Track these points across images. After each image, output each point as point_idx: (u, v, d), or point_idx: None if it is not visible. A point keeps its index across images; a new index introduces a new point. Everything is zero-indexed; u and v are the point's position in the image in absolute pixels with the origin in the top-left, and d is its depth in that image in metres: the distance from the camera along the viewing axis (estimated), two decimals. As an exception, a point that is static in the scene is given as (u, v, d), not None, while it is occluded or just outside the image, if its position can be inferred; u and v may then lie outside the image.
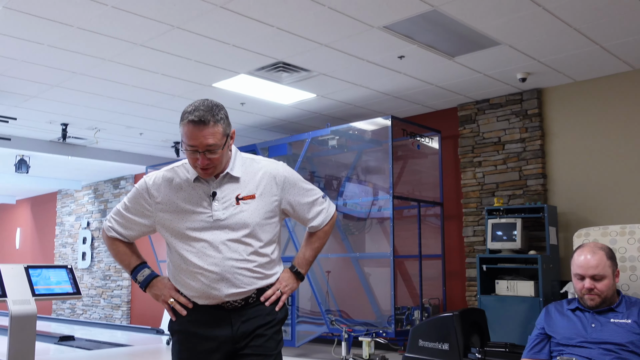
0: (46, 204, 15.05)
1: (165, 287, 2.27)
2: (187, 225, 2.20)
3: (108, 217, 2.40)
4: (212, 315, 2.21)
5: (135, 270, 2.35)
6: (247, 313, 2.23)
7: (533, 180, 6.65)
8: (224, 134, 2.17)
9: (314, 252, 2.41)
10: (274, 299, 2.28)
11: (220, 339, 2.20)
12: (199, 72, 6.16)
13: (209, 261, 2.17)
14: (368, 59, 5.84)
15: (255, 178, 2.26)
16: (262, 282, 2.25)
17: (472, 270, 6.96)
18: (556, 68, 6.09)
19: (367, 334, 6.45)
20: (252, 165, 2.30)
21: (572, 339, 2.70)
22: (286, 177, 2.31)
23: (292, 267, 2.38)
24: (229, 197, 2.21)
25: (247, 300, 2.23)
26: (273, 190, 2.27)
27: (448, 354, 4.36)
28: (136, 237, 2.39)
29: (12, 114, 7.64)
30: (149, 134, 8.99)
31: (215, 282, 2.17)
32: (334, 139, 7.58)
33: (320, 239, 2.41)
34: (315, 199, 2.37)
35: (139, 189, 2.30)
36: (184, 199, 2.22)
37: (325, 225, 2.40)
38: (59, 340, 9.48)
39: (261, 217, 2.23)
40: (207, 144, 2.12)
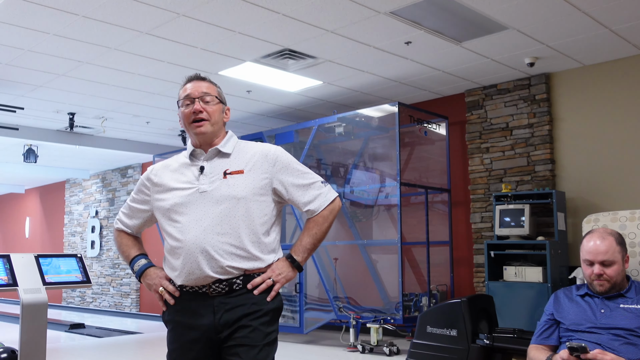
0: (55, 193, 15.12)
1: (157, 276, 2.23)
2: (175, 201, 2.19)
3: (118, 213, 2.45)
4: (196, 303, 2.14)
5: (132, 260, 2.34)
6: (232, 301, 2.12)
7: (541, 166, 6.62)
8: (218, 94, 2.29)
9: (311, 238, 2.24)
10: (263, 287, 2.14)
11: (202, 328, 2.12)
12: (205, 60, 6.14)
13: (191, 234, 2.12)
14: (375, 45, 5.81)
15: (246, 156, 2.25)
16: (249, 265, 2.14)
17: (480, 257, 6.96)
18: (564, 52, 6.04)
19: (375, 320, 6.47)
20: (245, 146, 2.30)
21: (581, 325, 2.69)
22: (278, 155, 2.26)
23: (287, 255, 2.24)
24: (217, 172, 2.20)
25: (231, 286, 2.12)
26: (263, 167, 2.22)
27: (456, 340, 4.37)
28: (139, 226, 2.40)
29: (19, 103, 7.65)
30: (155, 123, 8.99)
31: (195, 255, 2.10)
32: (340, 126, 7.57)
33: (319, 224, 2.25)
34: (311, 183, 2.27)
35: (142, 177, 2.36)
36: (176, 179, 2.24)
37: (323, 210, 2.25)
38: (70, 328, 9.57)
39: (249, 191, 2.17)
40: (202, 91, 2.24)
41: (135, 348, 7.65)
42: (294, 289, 7.39)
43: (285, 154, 2.29)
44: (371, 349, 6.37)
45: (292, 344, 7.11)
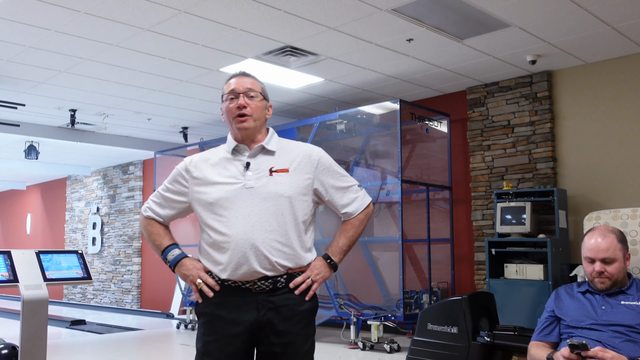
0: (56, 190, 15.14)
1: (194, 267, 2.25)
2: (219, 195, 2.20)
3: (147, 201, 2.44)
4: (239, 297, 2.15)
5: (165, 250, 2.34)
6: (275, 300, 2.15)
7: (543, 164, 6.61)
8: (262, 91, 2.29)
9: (348, 240, 2.33)
10: (304, 287, 2.19)
11: (245, 323, 2.14)
12: (206, 57, 6.14)
13: (239, 229, 2.14)
14: (376, 42, 5.80)
15: (290, 155, 2.28)
16: (293, 263, 2.18)
17: (481, 254, 6.96)
18: (567, 50, 6.03)
19: (375, 317, 6.47)
20: (288, 144, 2.34)
21: (582, 322, 2.69)
22: (321, 157, 2.30)
23: (325, 255, 2.30)
24: (263, 169, 2.22)
25: (275, 284, 2.15)
26: (307, 168, 2.26)
27: (457, 337, 4.37)
28: (172, 217, 2.39)
29: (20, 100, 7.65)
30: (157, 120, 8.99)
31: (245, 250, 2.12)
32: (342, 123, 7.56)
33: (355, 227, 2.34)
34: (349, 186, 2.33)
35: (178, 168, 2.35)
36: (218, 172, 2.25)
37: (359, 214, 2.33)
38: (71, 325, 9.58)
39: (294, 191, 2.20)
40: (247, 87, 2.25)
41: (136, 344, 7.66)
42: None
43: (326, 156, 2.33)
44: (372, 346, 6.37)
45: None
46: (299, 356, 2.16)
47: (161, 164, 9.89)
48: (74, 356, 6.44)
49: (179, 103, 7.98)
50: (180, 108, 8.25)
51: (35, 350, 2.68)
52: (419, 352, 4.53)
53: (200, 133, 9.69)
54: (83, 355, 6.65)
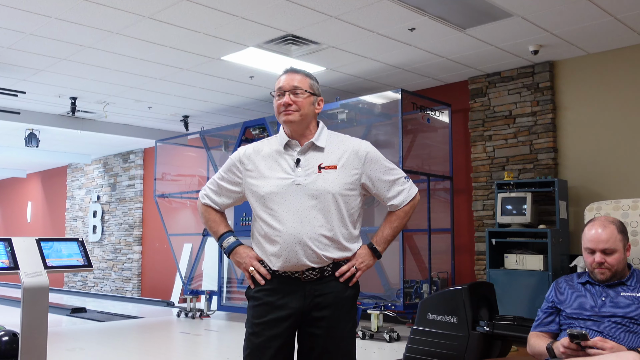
0: (56, 178, 15.14)
1: (247, 255, 2.37)
2: (271, 189, 2.30)
3: (204, 187, 2.54)
4: (287, 286, 2.29)
5: (221, 237, 2.46)
6: (321, 288, 2.28)
7: (544, 154, 6.60)
8: (310, 87, 2.38)
9: (392, 231, 2.42)
10: (348, 275, 2.31)
11: (291, 309, 2.27)
12: (207, 45, 6.12)
13: (289, 224, 2.26)
14: (378, 32, 5.78)
15: (339, 151, 2.36)
16: (340, 254, 2.30)
17: (481, 244, 6.96)
18: (569, 40, 6.00)
19: (375, 307, 6.49)
20: (337, 139, 2.42)
21: (582, 312, 2.69)
22: (368, 152, 2.39)
23: (370, 244, 2.40)
24: (312, 165, 2.31)
25: (322, 273, 2.28)
26: (355, 164, 2.35)
27: (456, 326, 4.37)
28: (227, 205, 2.50)
29: (21, 87, 7.64)
30: (158, 108, 8.98)
31: (293, 245, 2.24)
32: (343, 113, 7.54)
33: (400, 218, 2.43)
34: (397, 179, 2.42)
35: (233, 159, 2.45)
36: (270, 166, 2.35)
37: (405, 205, 2.43)
38: (71, 312, 9.61)
39: (341, 187, 2.30)
40: (293, 85, 2.35)
41: (137, 332, 7.69)
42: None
43: (374, 150, 2.42)
44: (371, 335, 6.39)
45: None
46: (340, 339, 2.28)
47: (162, 152, 9.88)
48: (75, 343, 6.47)
49: (179, 91, 7.96)
50: (181, 96, 8.23)
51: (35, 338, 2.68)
52: (419, 341, 4.54)
53: (201, 122, 9.67)
54: (83, 342, 6.67)
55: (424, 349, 4.50)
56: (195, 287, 8.97)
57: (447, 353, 4.32)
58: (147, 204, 12.12)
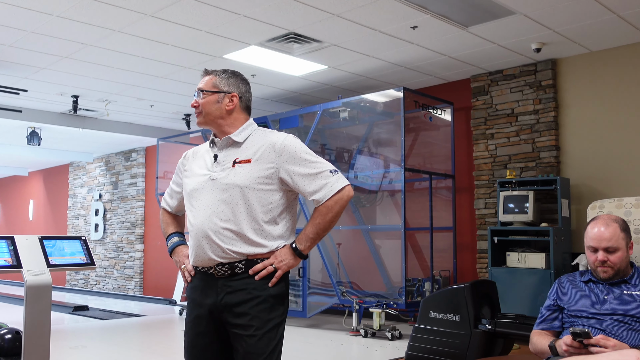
0: (58, 176, 15.15)
1: (182, 254, 2.42)
2: (193, 186, 2.35)
3: None
4: (204, 282, 2.29)
5: (168, 237, 2.54)
6: (234, 284, 2.23)
7: (546, 153, 6.59)
8: (214, 85, 2.38)
9: (314, 228, 2.28)
10: (264, 273, 2.23)
11: (207, 306, 2.26)
12: (209, 43, 6.12)
13: (199, 219, 2.27)
14: (380, 30, 5.77)
15: (256, 146, 2.31)
16: (250, 250, 2.22)
17: (483, 243, 6.96)
18: (571, 38, 5.99)
19: (377, 305, 6.49)
20: (260, 135, 2.37)
21: (584, 311, 2.69)
22: (285, 145, 2.28)
23: (291, 243, 2.30)
24: (229, 160, 2.31)
25: (233, 269, 2.23)
26: (270, 157, 2.27)
27: (459, 325, 4.38)
28: (177, 207, 2.57)
29: (22, 85, 7.64)
30: (159, 106, 8.98)
31: (201, 239, 2.25)
32: (345, 111, 7.54)
33: (322, 214, 2.27)
34: (319, 172, 2.27)
35: (179, 162, 2.54)
36: (198, 165, 2.39)
37: (328, 200, 2.26)
38: (74, 310, 9.62)
39: (252, 181, 2.24)
40: (198, 87, 2.40)
41: (139, 330, 7.69)
42: (297, 273, 7.41)
43: (293, 143, 2.30)
44: (373, 333, 6.40)
45: (295, 328, 7.14)
46: (258, 338, 2.19)
47: (164, 151, 9.89)
48: (77, 341, 6.47)
49: (181, 90, 7.96)
50: (182, 95, 8.23)
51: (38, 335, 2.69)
52: (421, 339, 4.54)
53: (203, 120, 9.66)
54: (86, 340, 6.68)
55: (426, 347, 4.50)
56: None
57: (449, 351, 4.33)
58: (149, 202, 12.13)
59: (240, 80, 2.45)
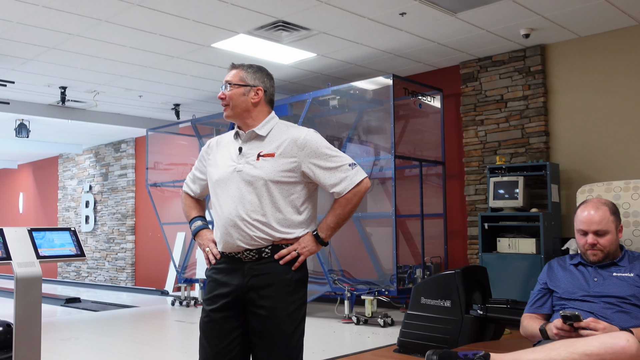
0: (48, 169, 15.06)
1: (206, 238, 2.54)
2: (218, 177, 2.47)
3: None
4: (231, 266, 2.43)
5: (191, 221, 2.66)
6: (260, 268, 2.38)
7: (535, 138, 6.61)
8: (240, 79, 2.49)
9: (335, 218, 2.46)
10: (288, 258, 2.38)
11: (231, 286, 2.40)
12: (197, 32, 6.07)
13: (227, 209, 2.40)
14: (369, 17, 5.75)
15: (279, 139, 2.43)
16: (276, 236, 2.37)
17: (474, 229, 6.99)
18: (560, 23, 6.00)
19: (369, 292, 6.51)
20: (282, 129, 2.48)
21: (574, 293, 2.71)
22: (307, 140, 2.41)
23: (313, 230, 2.47)
24: (253, 153, 2.43)
25: (260, 254, 2.38)
26: (292, 152, 2.40)
27: (450, 310, 4.40)
28: (200, 192, 2.70)
29: (9, 77, 7.57)
30: (148, 97, 8.92)
31: (229, 227, 2.38)
32: (335, 99, 7.52)
33: (343, 206, 2.45)
34: (339, 166, 2.42)
35: (203, 149, 2.66)
36: (222, 155, 2.51)
37: (347, 193, 2.42)
38: (65, 302, 9.60)
39: (276, 174, 2.37)
40: (226, 80, 2.51)
41: (131, 321, 7.69)
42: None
43: (315, 138, 2.43)
44: (365, 320, 6.42)
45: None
46: (282, 319, 2.35)
47: (153, 141, 9.84)
48: (69, 333, 6.46)
49: (170, 80, 7.92)
50: (171, 85, 8.18)
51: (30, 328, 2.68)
52: (413, 325, 4.56)
53: (192, 110, 9.62)
54: (78, 332, 6.67)
55: (418, 333, 4.52)
56: (189, 275, 8.97)
57: (441, 337, 4.35)
58: (140, 193, 12.08)
59: (265, 75, 2.56)
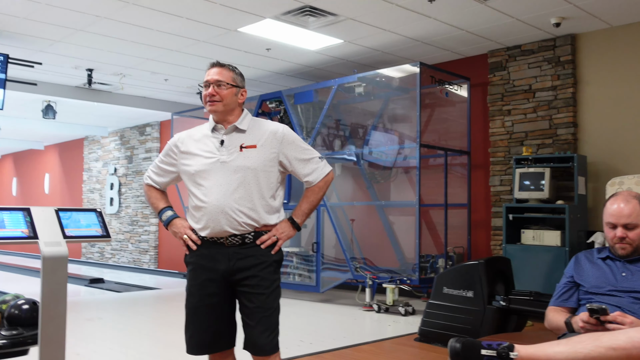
0: (74, 150, 15.23)
1: (182, 226, 2.71)
2: (199, 168, 2.64)
3: (147, 171, 2.92)
4: (215, 250, 2.62)
5: (161, 211, 2.82)
6: (243, 252, 2.60)
7: (563, 129, 6.51)
8: (232, 80, 2.69)
9: (309, 204, 2.73)
10: (269, 242, 2.63)
11: (219, 271, 2.60)
12: (224, 16, 6.07)
13: (213, 197, 2.58)
14: (397, 3, 5.69)
15: (259, 133, 2.68)
16: (259, 223, 2.61)
17: (498, 220, 6.92)
18: (592, 12, 5.87)
19: (391, 280, 6.50)
20: (258, 123, 2.74)
21: (601, 287, 2.67)
22: (285, 134, 2.69)
23: (289, 217, 2.72)
24: (235, 145, 2.64)
25: (243, 240, 2.60)
26: (273, 144, 2.65)
27: (472, 301, 4.37)
28: (166, 183, 2.87)
29: (37, 58, 7.64)
30: (174, 80, 8.96)
31: (217, 214, 2.57)
32: (360, 86, 7.48)
33: (315, 193, 2.74)
34: (311, 158, 2.72)
35: (169, 143, 2.81)
36: (199, 147, 2.68)
37: (319, 182, 2.72)
38: (89, 283, 9.74)
39: (260, 163, 2.61)
40: (216, 79, 2.66)
41: (154, 303, 7.78)
42: (312, 249, 7.42)
43: (291, 132, 2.73)
44: (387, 308, 6.41)
45: (308, 302, 7.17)
46: (266, 295, 2.59)
47: (178, 125, 9.89)
48: (94, 313, 6.56)
49: (196, 64, 7.93)
50: (197, 69, 8.20)
51: (55, 306, 2.71)
52: (434, 315, 4.55)
53: (217, 95, 9.63)
54: (102, 312, 6.76)
55: (439, 322, 4.51)
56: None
57: (463, 327, 4.33)
58: (164, 176, 12.15)
59: (243, 77, 2.80)
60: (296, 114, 7.78)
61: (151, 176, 2.88)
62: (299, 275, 7.61)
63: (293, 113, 7.72)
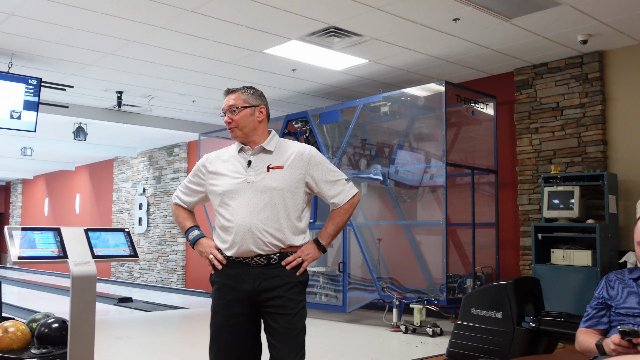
0: (103, 171, 15.48)
1: (207, 245, 2.73)
2: (226, 188, 2.67)
3: (175, 191, 2.97)
4: (240, 270, 2.63)
5: (188, 230, 2.83)
6: (269, 272, 2.61)
7: (592, 147, 6.43)
8: (244, 101, 2.74)
9: (335, 226, 2.73)
10: (294, 264, 2.63)
11: (244, 291, 2.61)
12: (250, 38, 6.14)
13: (240, 217, 2.60)
14: (422, 22, 5.71)
15: (286, 154, 2.70)
16: (284, 244, 2.62)
17: (527, 239, 6.83)
18: (619, 29, 5.82)
19: (418, 301, 6.44)
20: (285, 144, 2.77)
21: (633, 309, 2.61)
22: (312, 155, 2.71)
23: (315, 239, 2.72)
24: (262, 166, 2.67)
25: (269, 260, 2.61)
26: (300, 165, 2.67)
27: (501, 322, 4.30)
28: (195, 203, 2.89)
29: (69, 82, 7.81)
30: (201, 102, 9.07)
31: (244, 234, 2.58)
32: (386, 106, 7.49)
33: (341, 215, 2.74)
34: (337, 180, 2.73)
35: (198, 164, 2.85)
36: (227, 168, 2.72)
37: (345, 204, 2.73)
38: (118, 302, 9.82)
39: (287, 184, 2.63)
40: (229, 105, 2.75)
41: (181, 322, 7.81)
42: (338, 269, 7.40)
43: (317, 154, 2.75)
44: (414, 329, 6.35)
45: (335, 323, 7.14)
46: (292, 316, 2.59)
47: (205, 146, 9.99)
48: (122, 332, 6.60)
49: (223, 85, 7.99)
50: (223, 90, 8.28)
51: (84, 325, 2.74)
52: (462, 336, 4.48)
53: (244, 115, 9.72)
54: (130, 331, 6.81)
55: (467, 344, 4.44)
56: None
57: (491, 348, 4.26)
58: (191, 196, 12.26)
59: (261, 94, 2.82)
60: (322, 134, 7.81)
61: (179, 196, 2.91)
62: (325, 295, 7.58)
63: (319, 133, 7.75)
